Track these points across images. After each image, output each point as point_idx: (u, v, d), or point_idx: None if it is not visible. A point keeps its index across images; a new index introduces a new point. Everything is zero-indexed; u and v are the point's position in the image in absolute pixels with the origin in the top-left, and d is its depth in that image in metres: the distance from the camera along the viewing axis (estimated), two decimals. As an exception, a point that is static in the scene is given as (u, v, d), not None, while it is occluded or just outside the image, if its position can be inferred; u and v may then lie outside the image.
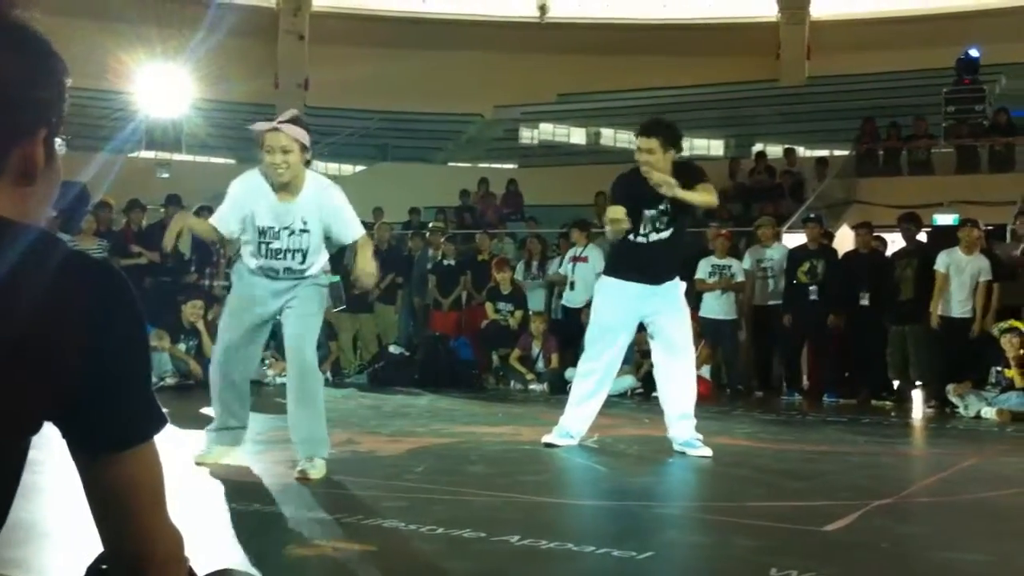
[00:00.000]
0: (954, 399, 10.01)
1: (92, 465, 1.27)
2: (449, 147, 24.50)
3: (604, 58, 26.41)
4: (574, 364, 11.58)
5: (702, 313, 11.84)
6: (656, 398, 10.91)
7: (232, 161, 21.62)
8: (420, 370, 12.17)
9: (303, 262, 5.29)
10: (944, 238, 11.07)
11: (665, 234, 6.55)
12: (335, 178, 22.44)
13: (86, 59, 18.80)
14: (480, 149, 24.78)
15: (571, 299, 12.28)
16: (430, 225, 14.87)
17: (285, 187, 5.19)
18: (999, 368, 9.95)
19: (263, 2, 27.71)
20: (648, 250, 6.55)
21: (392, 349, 12.40)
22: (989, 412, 9.60)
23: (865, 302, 11.21)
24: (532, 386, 11.59)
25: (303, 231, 5.22)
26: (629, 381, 11.27)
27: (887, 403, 10.91)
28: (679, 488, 5.52)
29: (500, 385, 11.92)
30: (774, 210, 16.00)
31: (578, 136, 25.14)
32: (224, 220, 5.39)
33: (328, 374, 12.51)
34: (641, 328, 11.81)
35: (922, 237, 11.94)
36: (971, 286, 10.38)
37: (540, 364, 11.82)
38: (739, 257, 12.45)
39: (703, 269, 12.04)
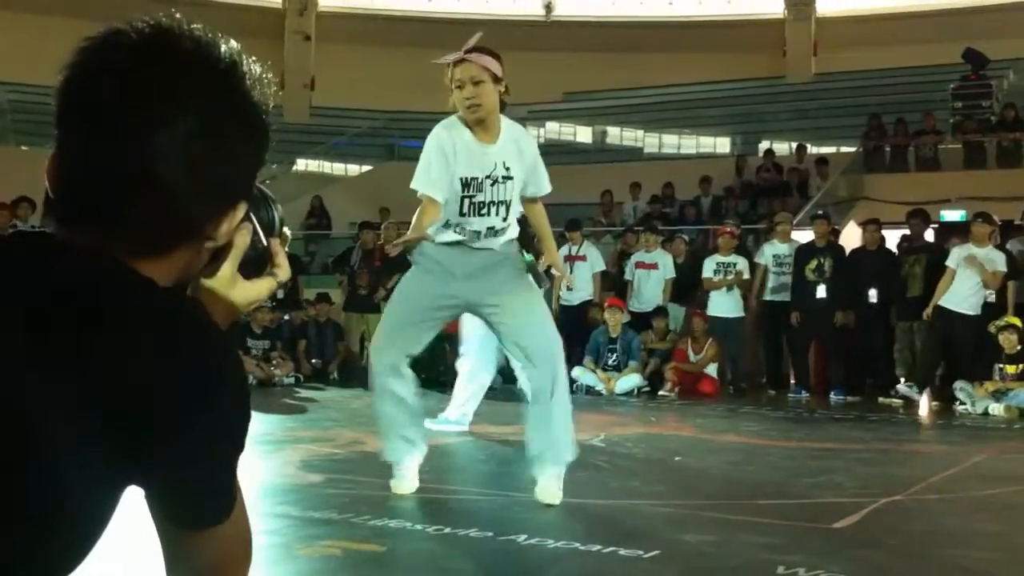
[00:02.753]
0: (961, 395, 10.01)
1: (169, 538, 1.26)
2: (455, 146, 24.46)
3: (610, 56, 26.38)
4: (580, 362, 11.63)
5: (710, 311, 11.84)
6: (662, 396, 11.00)
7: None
8: (425, 370, 12.17)
9: (506, 218, 4.64)
10: (951, 234, 11.04)
11: None
12: (341, 179, 22.48)
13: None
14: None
15: (570, 297, 12.30)
16: (437, 225, 14.85)
17: (483, 127, 4.61)
18: (1001, 365, 9.95)
19: (269, 2, 27.73)
20: None
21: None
22: (997, 409, 9.59)
23: (873, 299, 11.20)
24: (539, 385, 11.57)
25: (507, 178, 4.59)
26: (635, 380, 11.27)
27: (894, 400, 10.90)
28: (686, 486, 5.51)
29: (507, 384, 11.90)
30: (782, 207, 16.02)
31: (584, 135, 25.12)
32: (440, 185, 4.56)
33: (335, 374, 12.55)
34: (647, 326, 11.89)
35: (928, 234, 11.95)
36: (981, 280, 10.35)
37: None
38: (746, 254, 12.45)
39: (708, 267, 12.03)
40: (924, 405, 10.44)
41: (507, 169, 4.60)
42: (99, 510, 1.17)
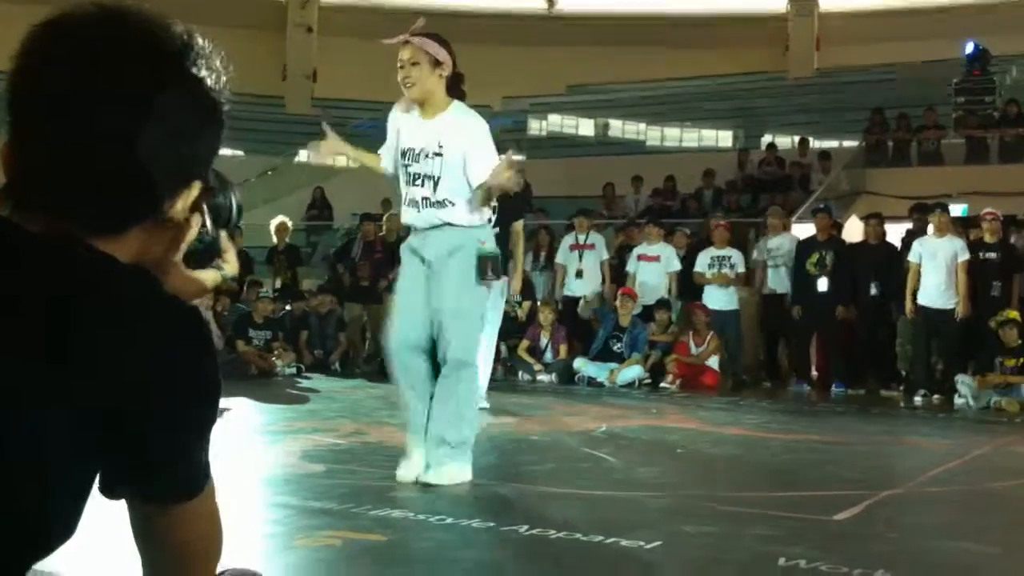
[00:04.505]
0: (962, 388, 10.02)
1: (136, 512, 1.27)
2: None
3: (613, 50, 26.34)
4: (583, 354, 11.64)
5: (705, 303, 11.87)
6: (663, 388, 11.01)
7: (241, 153, 21.62)
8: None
9: (435, 190, 4.82)
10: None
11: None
12: (343, 170, 22.55)
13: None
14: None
15: (577, 287, 12.32)
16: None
17: (424, 107, 4.89)
18: (1001, 359, 9.96)
19: (271, -6, 27.71)
20: None
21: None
22: (998, 402, 9.60)
23: (874, 292, 11.21)
24: (540, 376, 11.60)
25: (436, 154, 4.82)
26: (637, 371, 11.27)
27: (895, 393, 10.92)
28: (687, 478, 5.52)
29: (508, 376, 11.91)
30: (783, 201, 16.01)
31: (587, 128, 25.10)
32: (387, 151, 5.11)
33: (337, 365, 12.55)
34: (650, 318, 11.90)
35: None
36: (948, 271, 10.39)
37: (548, 355, 11.82)
38: (746, 248, 12.45)
39: (702, 261, 12.04)
40: (925, 398, 10.45)
41: (440, 146, 4.81)
42: (76, 482, 1.18)
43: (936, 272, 10.44)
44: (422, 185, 4.85)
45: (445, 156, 4.81)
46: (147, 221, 1.25)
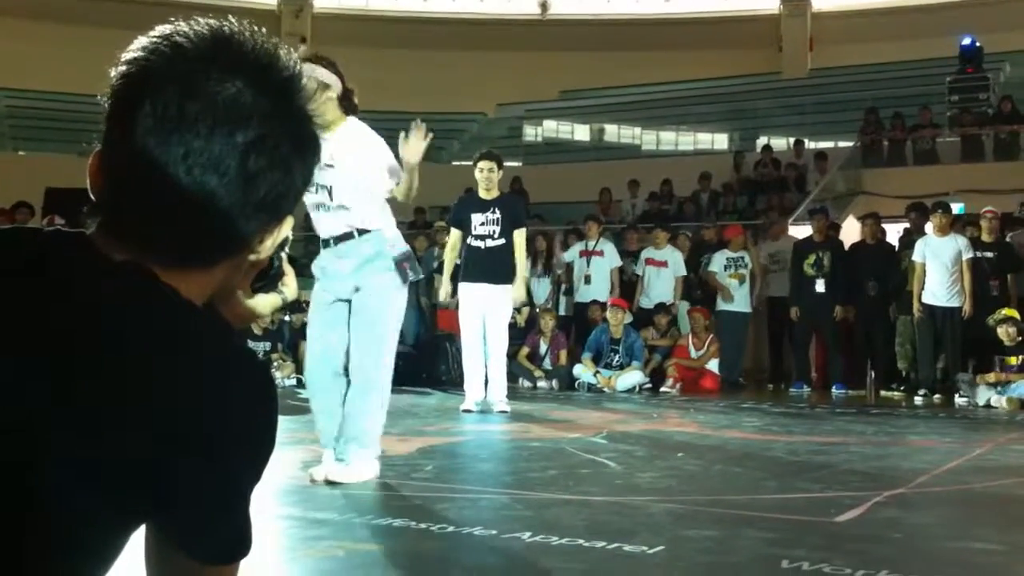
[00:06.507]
0: (962, 387, 10.03)
1: (176, 570, 1.20)
2: (453, 146, 24.49)
3: (606, 54, 26.38)
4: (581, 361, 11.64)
5: (720, 307, 11.87)
6: (664, 392, 11.01)
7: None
8: (427, 369, 12.17)
9: (330, 198, 5.05)
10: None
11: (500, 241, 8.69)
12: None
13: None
14: (484, 147, 24.73)
15: (586, 294, 12.29)
16: (435, 224, 14.88)
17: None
18: (1001, 357, 9.97)
19: (264, 4, 27.71)
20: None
21: (399, 349, 12.36)
22: (998, 401, 9.60)
23: (873, 293, 11.21)
24: (540, 383, 11.59)
25: (328, 166, 4.94)
26: (638, 377, 11.27)
27: (896, 394, 10.92)
28: (689, 482, 5.51)
29: (508, 383, 11.89)
30: (780, 203, 16.02)
31: (582, 133, 25.11)
32: None
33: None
34: (648, 324, 11.89)
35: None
36: (952, 269, 10.39)
37: (547, 361, 11.81)
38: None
39: (718, 262, 12.03)
40: (926, 398, 10.45)
41: (331, 158, 4.95)
42: (111, 537, 1.13)
43: (941, 271, 10.44)
44: (316, 193, 5.05)
45: (337, 168, 5.00)
46: (234, 256, 1.21)
